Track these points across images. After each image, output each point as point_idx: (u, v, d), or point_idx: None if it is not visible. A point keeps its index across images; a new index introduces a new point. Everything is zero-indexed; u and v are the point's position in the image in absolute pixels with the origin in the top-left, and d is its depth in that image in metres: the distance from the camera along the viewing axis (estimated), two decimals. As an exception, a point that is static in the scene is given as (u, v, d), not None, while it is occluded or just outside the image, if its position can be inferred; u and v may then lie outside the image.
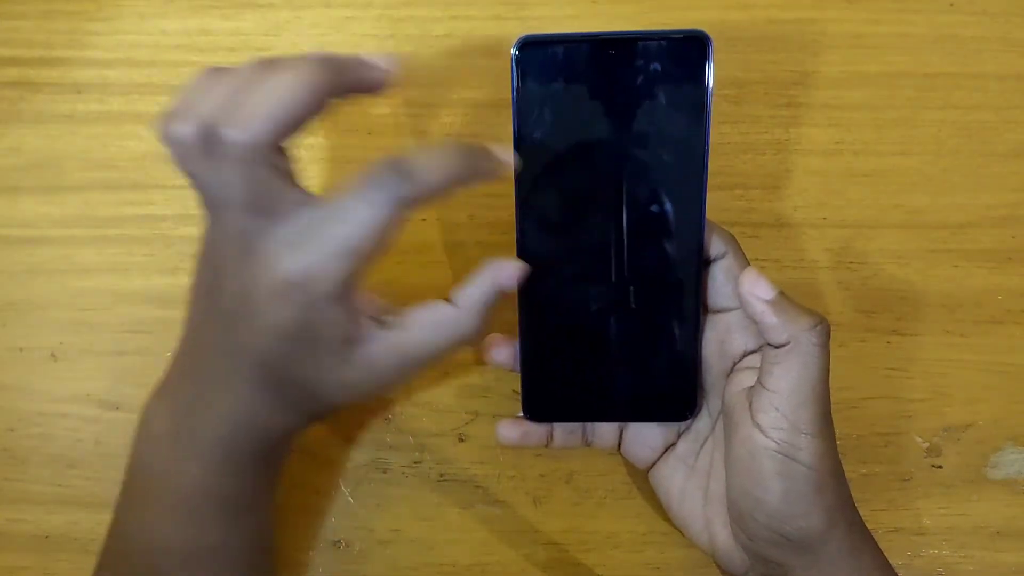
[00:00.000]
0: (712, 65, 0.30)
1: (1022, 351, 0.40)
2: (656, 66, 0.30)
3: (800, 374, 0.30)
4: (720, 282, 0.32)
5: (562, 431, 0.35)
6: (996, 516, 0.38)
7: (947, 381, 0.39)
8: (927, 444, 0.39)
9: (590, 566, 0.38)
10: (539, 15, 0.42)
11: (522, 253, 0.32)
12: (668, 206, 0.32)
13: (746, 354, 0.32)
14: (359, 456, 0.39)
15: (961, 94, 0.42)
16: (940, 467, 0.39)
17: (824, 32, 0.42)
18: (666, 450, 0.35)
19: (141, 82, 0.42)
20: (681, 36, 0.31)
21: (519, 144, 0.31)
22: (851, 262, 0.40)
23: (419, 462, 0.39)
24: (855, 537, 0.31)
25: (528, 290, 0.32)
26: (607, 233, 0.32)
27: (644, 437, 0.35)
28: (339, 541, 0.38)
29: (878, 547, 0.32)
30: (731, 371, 0.33)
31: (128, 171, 0.41)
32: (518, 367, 0.34)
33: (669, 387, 0.33)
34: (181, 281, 0.40)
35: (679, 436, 0.35)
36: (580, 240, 0.32)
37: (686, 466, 0.34)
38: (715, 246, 0.32)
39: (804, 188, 0.41)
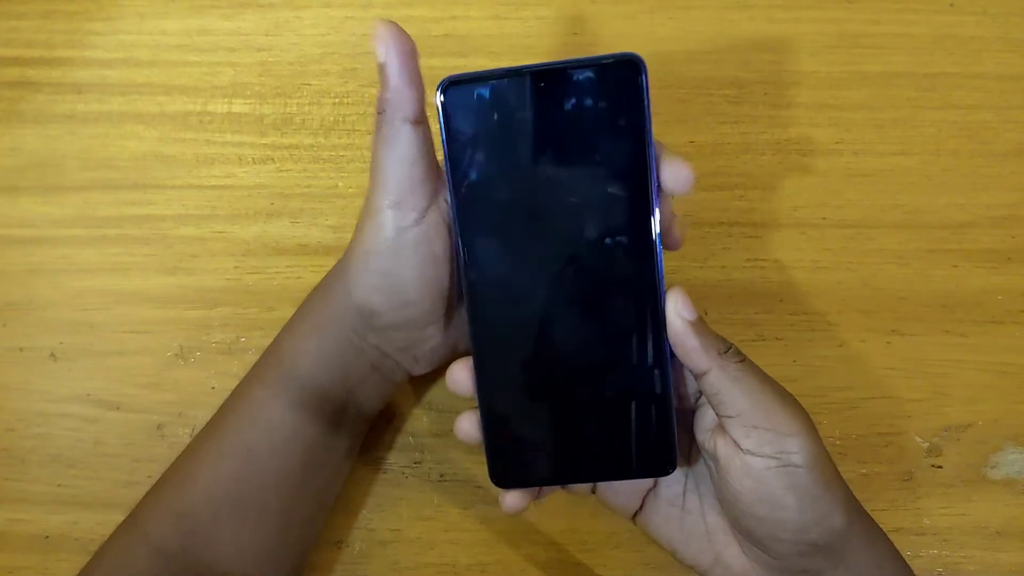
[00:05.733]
0: (648, 88, 0.28)
1: (1022, 351, 0.40)
2: (590, 95, 0.28)
3: (745, 388, 0.29)
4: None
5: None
6: (996, 516, 0.38)
7: (947, 381, 0.39)
8: (927, 444, 0.39)
9: (590, 566, 0.38)
10: (539, 15, 0.42)
11: (472, 309, 0.30)
12: (620, 243, 0.29)
13: None
14: (359, 456, 0.39)
15: (961, 94, 0.42)
16: (940, 467, 0.39)
17: (824, 32, 0.42)
18: (645, 496, 0.34)
19: (141, 82, 0.42)
20: (612, 61, 0.28)
21: (456, 195, 0.29)
22: (851, 262, 0.40)
23: (419, 462, 0.39)
24: (868, 527, 0.31)
25: (482, 350, 0.30)
26: (559, 281, 0.29)
27: (619, 485, 0.33)
28: (339, 541, 0.38)
29: (886, 534, 0.32)
30: (696, 407, 0.32)
31: (128, 171, 0.41)
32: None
33: (644, 441, 0.30)
34: (181, 281, 0.40)
35: (656, 481, 0.33)
36: (531, 291, 0.30)
37: (677, 508, 0.33)
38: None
39: (804, 188, 0.41)
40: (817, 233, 0.40)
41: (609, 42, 0.42)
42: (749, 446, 0.29)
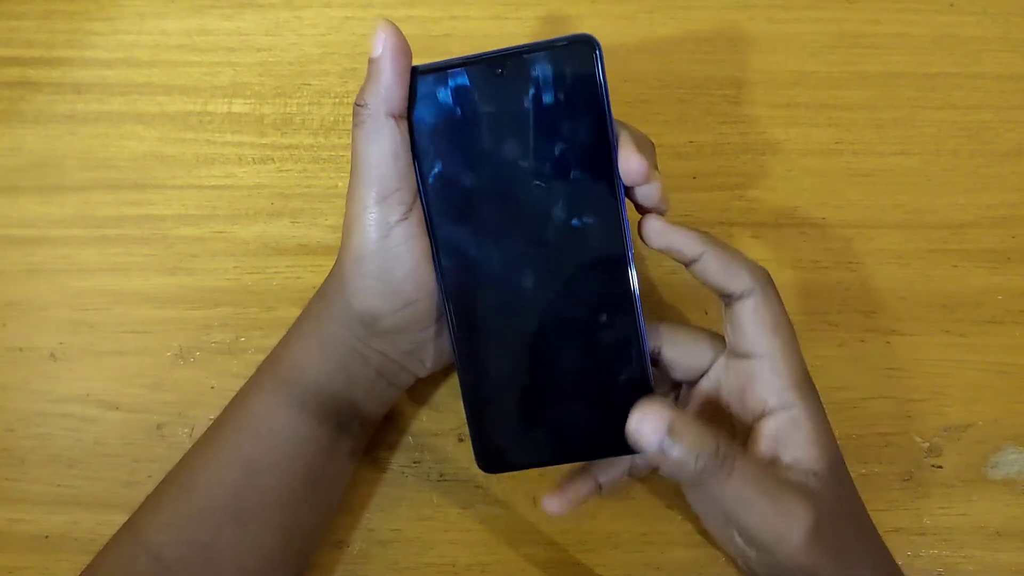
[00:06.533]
0: (603, 66, 0.28)
1: (1022, 351, 0.40)
2: (547, 77, 0.29)
3: (738, 489, 0.28)
4: (747, 323, 0.30)
5: (607, 478, 0.34)
6: (996, 516, 0.38)
7: (947, 381, 0.39)
8: (927, 444, 0.39)
9: (590, 566, 0.38)
10: (539, 15, 0.42)
11: (446, 293, 0.31)
12: (586, 221, 0.30)
13: (764, 415, 0.30)
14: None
15: (961, 94, 0.42)
16: (940, 467, 0.39)
17: (824, 32, 0.42)
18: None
19: (141, 82, 0.42)
20: (567, 42, 0.28)
21: (424, 184, 0.30)
22: (851, 262, 0.40)
23: (419, 462, 0.39)
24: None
25: (461, 336, 0.31)
26: (530, 263, 0.30)
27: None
28: (339, 541, 0.38)
29: None
30: (751, 429, 0.31)
31: (128, 171, 0.41)
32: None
33: (625, 418, 0.30)
34: (181, 281, 0.40)
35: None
36: (504, 274, 0.30)
37: None
38: (740, 280, 0.30)
39: (804, 188, 0.41)
40: (817, 233, 0.40)
41: (608, 42, 0.42)
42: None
